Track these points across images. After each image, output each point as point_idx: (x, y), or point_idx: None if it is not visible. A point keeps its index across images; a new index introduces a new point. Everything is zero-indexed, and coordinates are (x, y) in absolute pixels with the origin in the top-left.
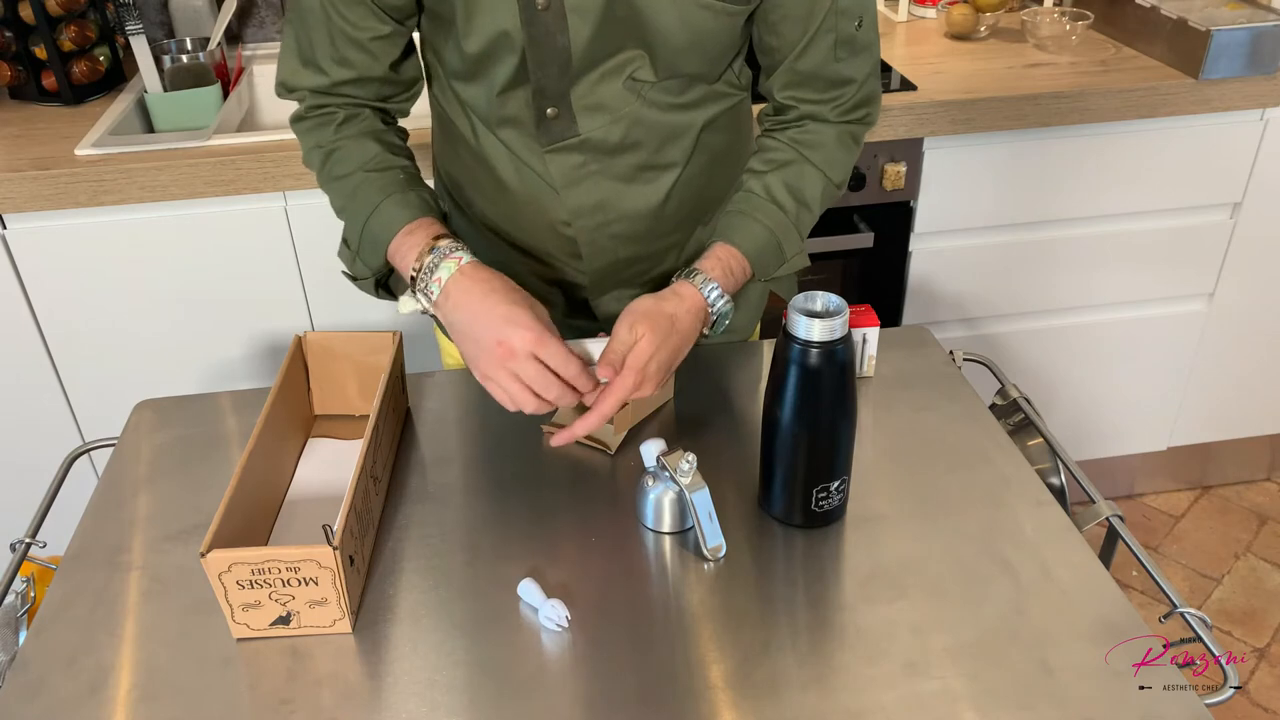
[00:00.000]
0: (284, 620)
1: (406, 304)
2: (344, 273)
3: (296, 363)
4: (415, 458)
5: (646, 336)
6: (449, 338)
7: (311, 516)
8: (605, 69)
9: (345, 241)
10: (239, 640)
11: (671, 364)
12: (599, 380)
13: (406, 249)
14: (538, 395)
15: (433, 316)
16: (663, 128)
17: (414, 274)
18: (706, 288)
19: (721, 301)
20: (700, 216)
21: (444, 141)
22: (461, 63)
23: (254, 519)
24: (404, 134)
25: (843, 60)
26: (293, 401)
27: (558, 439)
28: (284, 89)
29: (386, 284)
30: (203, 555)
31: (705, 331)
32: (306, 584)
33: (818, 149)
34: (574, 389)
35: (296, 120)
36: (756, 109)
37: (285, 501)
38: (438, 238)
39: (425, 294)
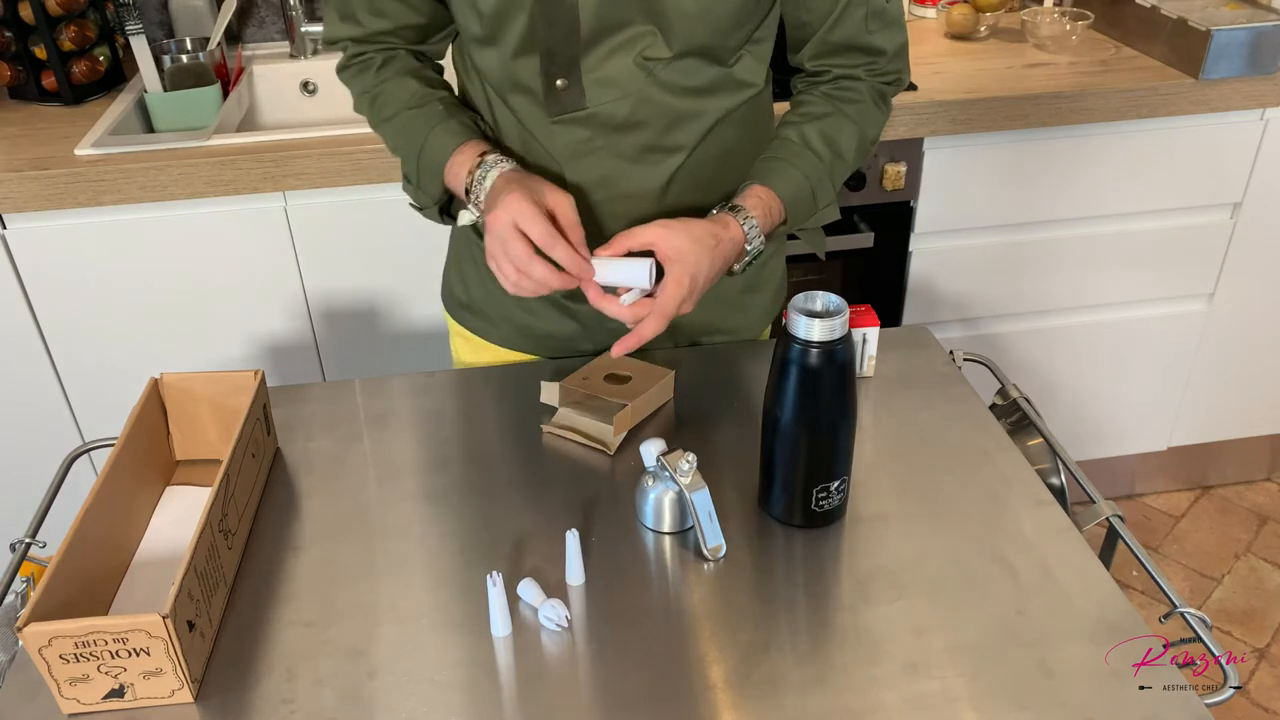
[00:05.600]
0: (117, 693)
1: (465, 216)
2: (410, 204)
3: (152, 406)
4: (406, 461)
5: (687, 239)
6: (463, 323)
7: (163, 575)
8: (616, 42)
9: (406, 177)
10: (70, 715)
11: (709, 286)
12: (586, 259)
13: (457, 168)
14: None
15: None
16: (671, 110)
17: (467, 190)
18: (747, 224)
19: (757, 241)
20: (706, 207)
21: None
22: (478, 25)
23: (95, 581)
24: (440, 69)
25: (874, 32)
26: (149, 448)
27: (620, 346)
28: (326, 41)
29: (449, 209)
30: (19, 630)
31: (734, 268)
32: (137, 655)
33: (853, 103)
34: (567, 268)
35: (341, 69)
36: (779, 106)
37: (135, 559)
38: (484, 154)
39: (478, 204)
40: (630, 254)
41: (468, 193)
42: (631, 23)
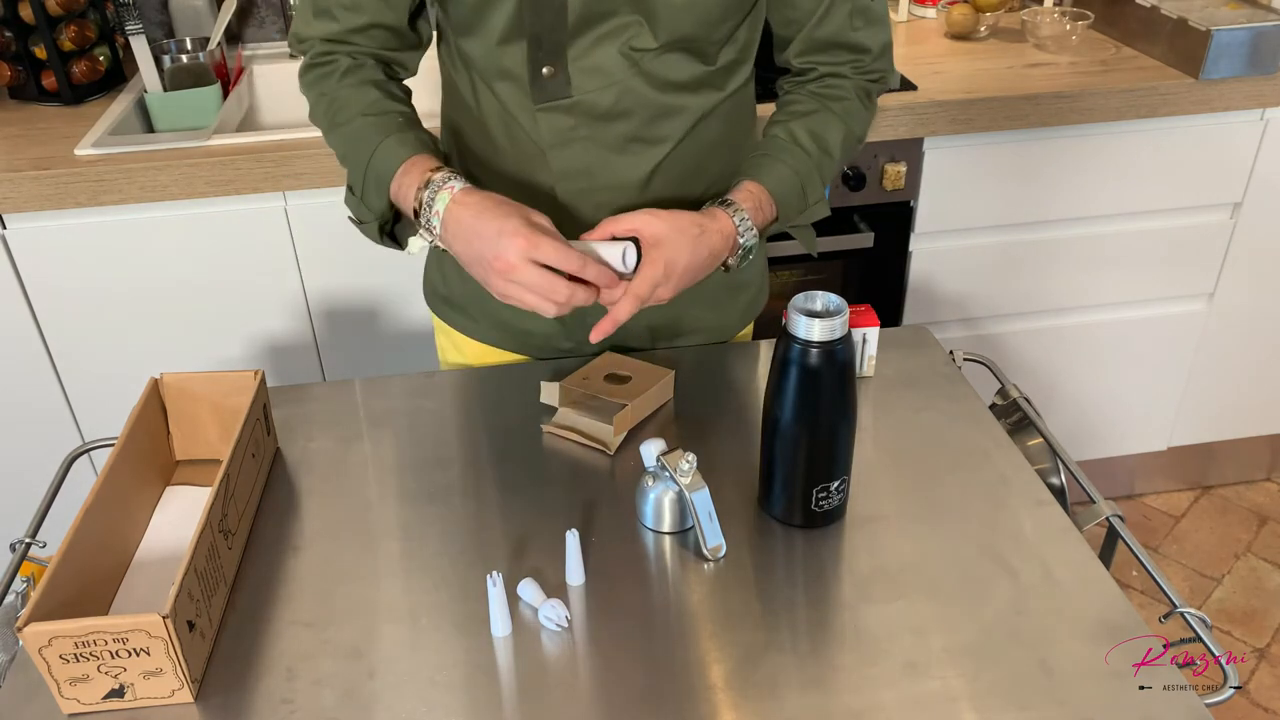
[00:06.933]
0: (117, 693)
1: (415, 243)
2: (349, 219)
3: (152, 406)
4: (406, 461)
5: (672, 228)
6: (444, 319)
7: (163, 575)
8: (602, 31)
9: (350, 188)
10: (70, 715)
11: (692, 276)
12: (612, 271)
13: (406, 187)
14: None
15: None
16: (655, 104)
17: (416, 212)
18: (737, 216)
19: (750, 234)
20: (687, 199)
21: (447, 103)
22: (461, 12)
23: (95, 581)
24: (407, 89)
25: (859, 29)
26: (148, 448)
27: (596, 331)
28: (295, 40)
29: (392, 232)
30: (19, 630)
31: (729, 262)
32: (138, 654)
33: (839, 100)
34: (588, 283)
35: (303, 72)
36: (762, 108)
37: (135, 559)
38: (434, 170)
39: (429, 229)
40: (615, 239)
41: (416, 214)
42: (618, 12)
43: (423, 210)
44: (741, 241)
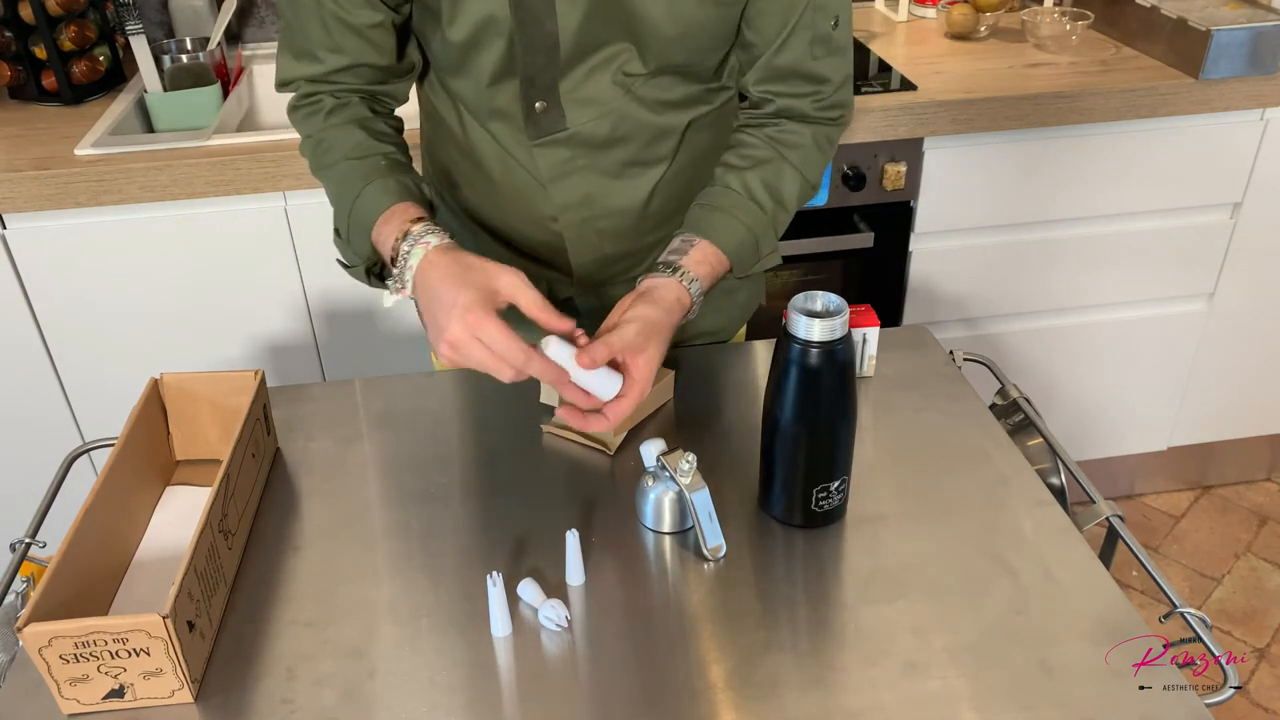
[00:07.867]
0: (117, 694)
1: (388, 297)
2: (338, 260)
3: (152, 406)
4: (406, 461)
5: (655, 348)
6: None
7: (163, 575)
8: (594, 62)
9: (336, 230)
10: (70, 715)
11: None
12: (543, 355)
13: (386, 235)
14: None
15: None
16: (651, 125)
17: (393, 261)
18: (694, 288)
19: (698, 306)
20: (684, 213)
21: (432, 136)
22: (448, 54)
23: (95, 581)
24: (396, 121)
25: (819, 59)
26: (149, 448)
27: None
28: (279, 83)
29: (380, 273)
30: (19, 630)
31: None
32: (138, 655)
33: (796, 149)
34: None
35: (291, 110)
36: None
37: (135, 559)
38: (413, 222)
39: (402, 283)
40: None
41: (394, 263)
42: (610, 41)
43: (399, 262)
44: (690, 313)
